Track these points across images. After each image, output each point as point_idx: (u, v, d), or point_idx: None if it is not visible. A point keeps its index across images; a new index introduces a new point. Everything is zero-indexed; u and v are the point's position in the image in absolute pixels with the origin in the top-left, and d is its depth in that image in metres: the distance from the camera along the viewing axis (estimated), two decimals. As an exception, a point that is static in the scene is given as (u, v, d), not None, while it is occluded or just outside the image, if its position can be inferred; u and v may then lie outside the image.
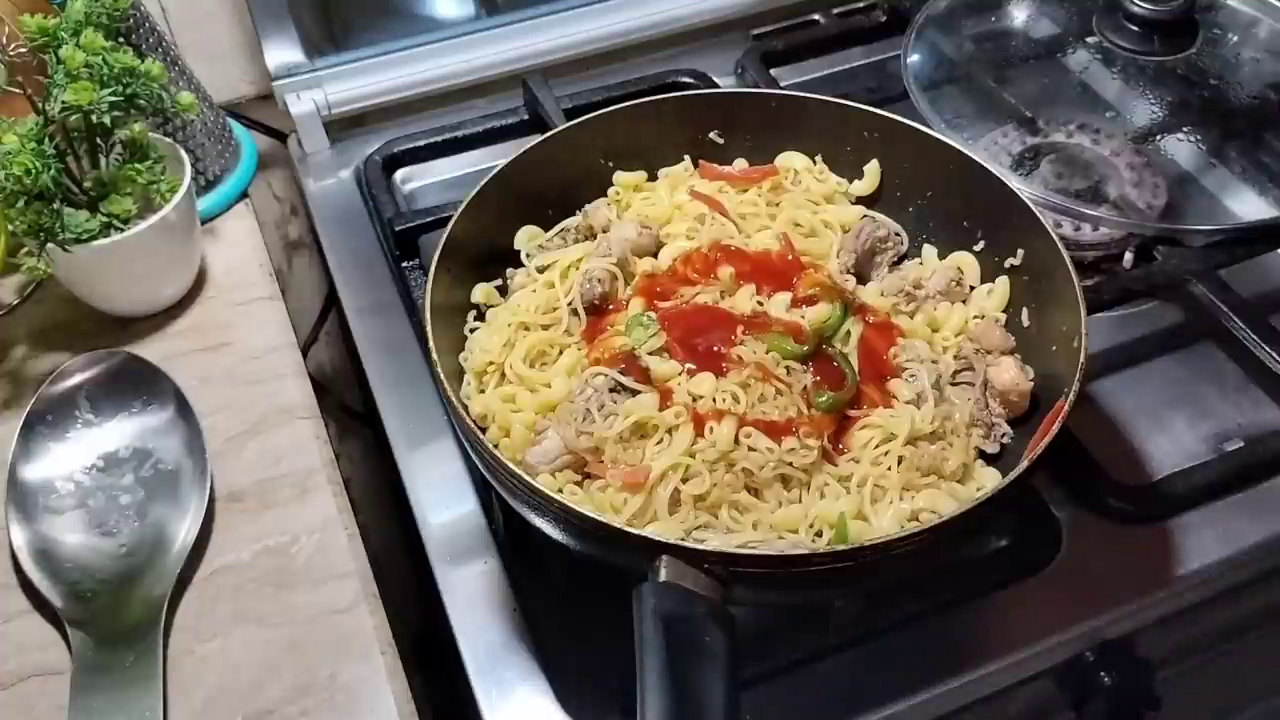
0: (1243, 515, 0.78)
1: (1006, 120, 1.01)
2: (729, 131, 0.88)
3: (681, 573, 0.57)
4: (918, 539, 0.59)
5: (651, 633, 0.54)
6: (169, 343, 0.90)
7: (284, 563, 0.76)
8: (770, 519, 0.66)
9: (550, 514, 0.62)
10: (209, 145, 1.01)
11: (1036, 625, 0.73)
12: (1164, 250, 0.91)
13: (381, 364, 0.90)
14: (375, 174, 1.04)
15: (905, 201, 0.86)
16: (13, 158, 0.76)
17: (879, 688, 0.70)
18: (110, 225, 0.84)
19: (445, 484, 0.82)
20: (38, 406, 0.81)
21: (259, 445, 0.83)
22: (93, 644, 0.69)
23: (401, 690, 0.70)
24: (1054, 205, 0.88)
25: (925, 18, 1.04)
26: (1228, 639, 0.90)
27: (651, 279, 0.78)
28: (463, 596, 0.75)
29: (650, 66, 1.16)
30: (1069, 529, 0.77)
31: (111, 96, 0.79)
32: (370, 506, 0.97)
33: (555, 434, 0.69)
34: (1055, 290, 0.73)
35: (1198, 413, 0.86)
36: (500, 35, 1.13)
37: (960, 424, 0.71)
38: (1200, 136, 0.99)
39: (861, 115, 0.84)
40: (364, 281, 0.98)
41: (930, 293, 0.79)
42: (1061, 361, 0.71)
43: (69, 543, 0.75)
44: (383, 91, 1.11)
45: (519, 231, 0.84)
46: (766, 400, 0.68)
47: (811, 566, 0.59)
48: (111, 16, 0.81)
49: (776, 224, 0.82)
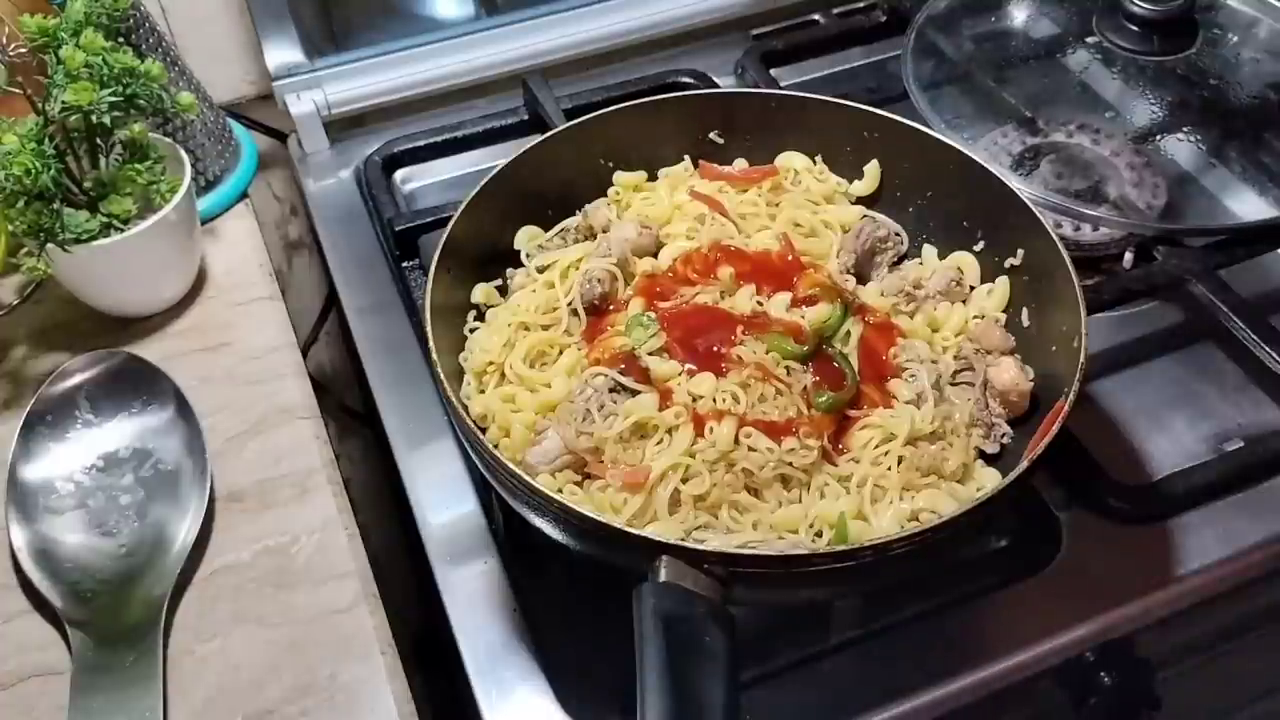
0: (1243, 515, 0.78)
1: (1006, 120, 1.01)
2: (729, 131, 0.88)
3: (681, 573, 0.57)
4: (918, 539, 0.59)
5: (651, 633, 0.54)
6: (169, 343, 0.90)
7: (284, 563, 0.76)
8: (770, 519, 0.66)
9: (550, 514, 0.62)
10: (209, 145, 1.01)
11: (1036, 625, 0.73)
12: (1164, 250, 0.91)
13: (381, 364, 0.90)
14: (375, 174, 1.04)
15: (905, 201, 0.86)
16: (13, 158, 0.76)
17: (879, 688, 0.70)
18: (110, 225, 0.84)
19: (445, 484, 0.82)
20: (38, 406, 0.81)
21: (259, 445, 0.83)
22: (93, 644, 0.69)
23: (401, 690, 0.70)
24: (1054, 205, 0.88)
25: (925, 18, 1.04)
26: (1228, 639, 0.90)
27: (651, 279, 0.78)
28: (463, 596, 0.75)
29: (650, 66, 1.16)
30: (1069, 529, 0.77)
31: (111, 97, 0.79)
32: (370, 506, 0.97)
33: (555, 434, 0.69)
34: (1055, 290, 0.73)
35: (1198, 413, 0.86)
36: (500, 35, 1.13)
37: (960, 424, 0.71)
38: (1200, 136, 0.99)
39: (861, 115, 0.84)
40: (364, 281, 0.98)
41: (930, 293, 0.79)
42: (1061, 361, 0.71)
43: (69, 543, 0.75)
44: (383, 91, 1.11)
45: (519, 231, 0.84)
46: (766, 400, 0.68)
47: (811, 566, 0.59)
48: (111, 16, 0.81)
49: (776, 224, 0.82)
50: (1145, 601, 0.75)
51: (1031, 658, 0.72)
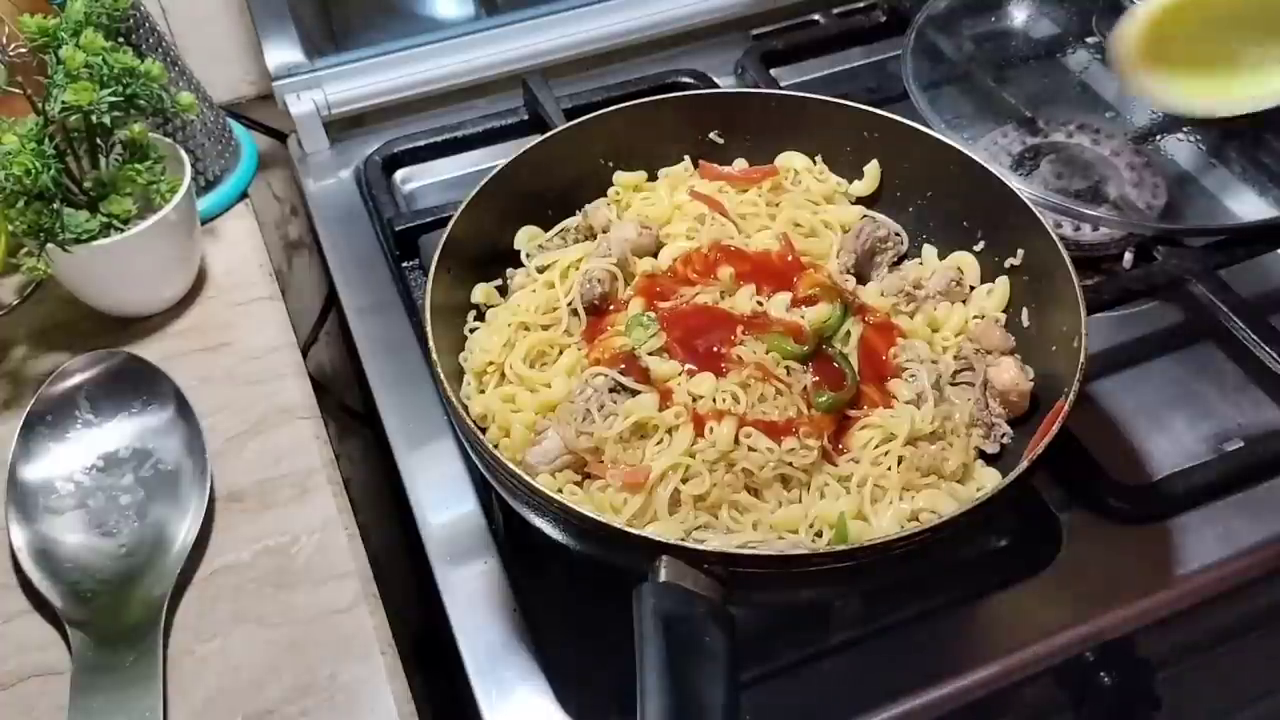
0: (1243, 515, 0.78)
1: (1006, 120, 1.01)
2: (729, 131, 0.88)
3: (681, 573, 0.57)
4: (918, 539, 0.59)
5: (652, 632, 0.54)
6: (169, 343, 0.90)
7: (284, 563, 0.76)
8: (770, 519, 0.66)
9: (550, 514, 0.62)
10: (209, 145, 1.01)
11: (1036, 625, 0.73)
12: (1164, 250, 0.91)
13: (381, 364, 0.90)
14: (375, 174, 1.04)
15: (905, 201, 0.86)
16: (13, 158, 0.76)
17: (879, 688, 0.70)
18: (110, 225, 0.84)
19: (445, 484, 0.82)
20: (38, 406, 0.81)
21: (259, 445, 0.83)
22: (93, 644, 0.69)
23: (401, 690, 0.70)
24: (1054, 205, 0.88)
25: (925, 18, 1.04)
26: (1228, 639, 0.90)
27: (651, 279, 0.78)
28: (463, 596, 0.75)
29: (650, 66, 1.16)
30: (1069, 529, 0.77)
31: (111, 97, 0.79)
32: (370, 506, 0.97)
33: (555, 434, 0.69)
34: (1055, 290, 0.73)
35: (1198, 413, 0.86)
36: (500, 35, 1.13)
37: (960, 424, 0.71)
38: (1200, 136, 0.99)
39: (861, 115, 0.84)
40: (364, 281, 0.98)
41: (930, 293, 0.79)
42: (1061, 361, 0.71)
43: (69, 543, 0.75)
44: (383, 91, 1.11)
45: (519, 232, 0.84)
46: (766, 400, 0.68)
47: (812, 566, 0.59)
48: (111, 16, 0.81)
49: (776, 224, 0.82)
50: (1145, 601, 0.75)
51: (1031, 658, 0.72)
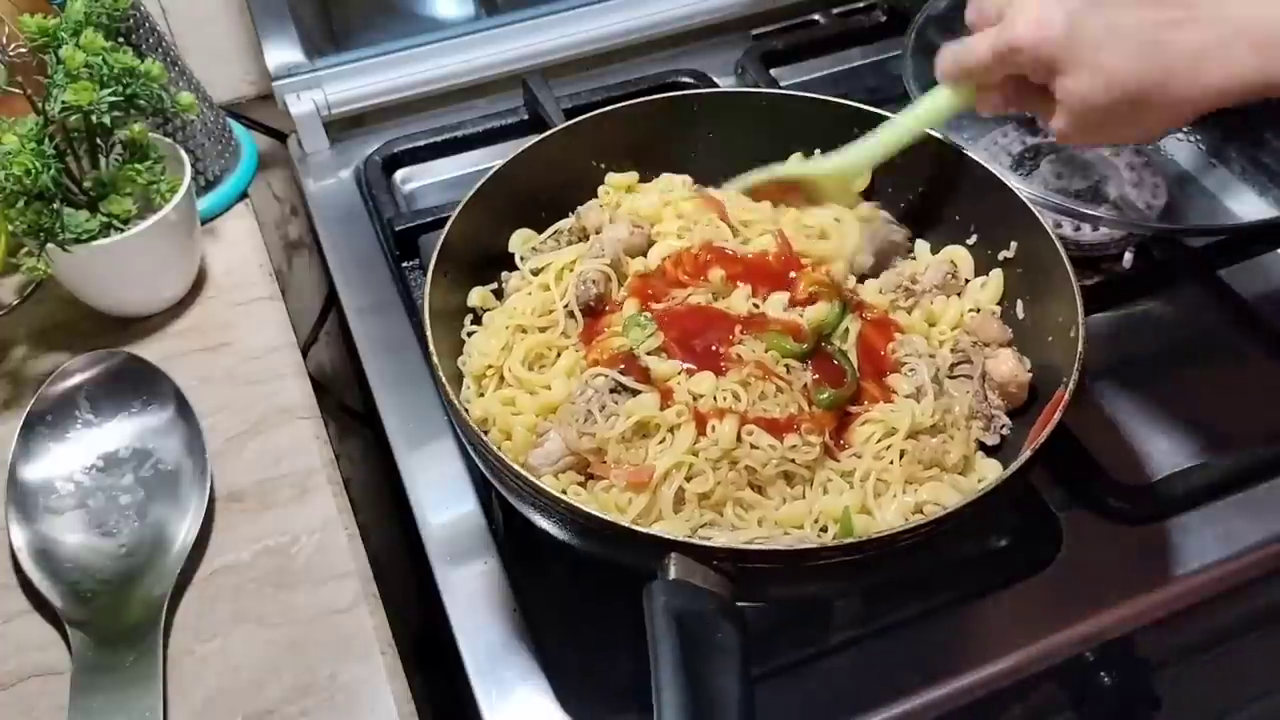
0: (1243, 515, 0.78)
1: (1006, 120, 1.01)
2: (725, 131, 0.88)
3: (691, 570, 0.57)
4: (924, 530, 0.59)
5: (664, 630, 0.54)
6: (169, 343, 0.90)
7: (284, 563, 0.76)
8: (775, 515, 0.66)
9: (557, 515, 0.62)
10: (209, 145, 1.01)
11: (1036, 625, 0.73)
12: (1164, 250, 0.91)
13: (381, 364, 0.90)
14: (375, 174, 1.04)
15: (897, 198, 0.85)
16: (13, 158, 0.76)
17: (879, 688, 0.70)
18: (110, 225, 0.84)
19: (445, 484, 0.82)
20: (38, 406, 0.80)
21: (259, 445, 0.83)
22: (93, 644, 0.69)
23: (401, 690, 0.70)
24: (1054, 205, 0.88)
25: (925, 18, 1.04)
26: (1227, 639, 0.90)
27: (644, 280, 0.77)
28: (463, 596, 0.75)
29: (650, 66, 1.16)
30: (1069, 529, 0.77)
31: (111, 96, 0.79)
32: (370, 506, 0.97)
33: (557, 436, 0.69)
34: (1051, 283, 0.73)
35: (1197, 413, 0.86)
36: (500, 35, 1.13)
37: (960, 416, 0.71)
38: (1200, 136, 0.99)
39: (861, 115, 0.84)
40: (364, 281, 0.98)
41: (926, 287, 0.79)
42: (1058, 352, 0.71)
43: (69, 543, 0.75)
44: (383, 91, 1.11)
45: (513, 235, 0.84)
46: (767, 398, 0.68)
47: (820, 560, 0.59)
48: (111, 16, 0.81)
49: (783, 224, 0.81)
50: (1145, 601, 0.75)
51: (1031, 658, 0.72)
